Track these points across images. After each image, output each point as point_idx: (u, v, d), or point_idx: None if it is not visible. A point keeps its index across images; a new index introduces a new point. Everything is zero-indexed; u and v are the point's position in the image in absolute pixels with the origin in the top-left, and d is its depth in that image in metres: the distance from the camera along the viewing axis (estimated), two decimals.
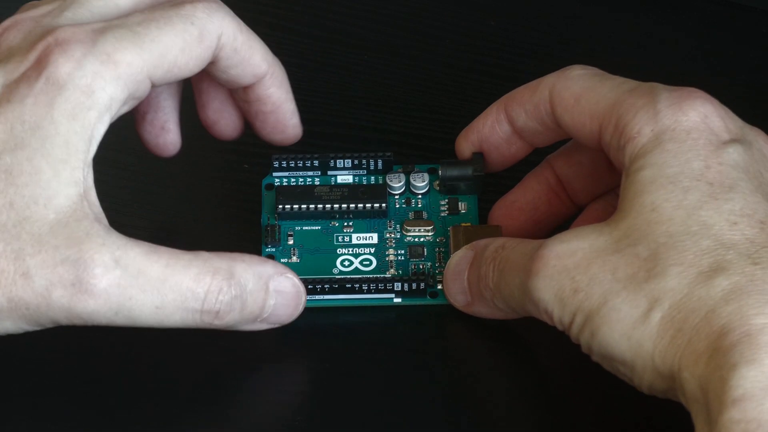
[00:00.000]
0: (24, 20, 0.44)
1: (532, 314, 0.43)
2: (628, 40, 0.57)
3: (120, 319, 0.42)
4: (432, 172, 0.49)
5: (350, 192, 0.48)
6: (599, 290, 0.40)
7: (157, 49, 0.43)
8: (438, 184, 0.49)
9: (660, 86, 0.43)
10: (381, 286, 0.46)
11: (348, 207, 0.48)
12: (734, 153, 0.41)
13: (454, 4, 0.58)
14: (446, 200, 0.49)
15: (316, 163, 0.49)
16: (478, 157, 0.48)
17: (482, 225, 0.48)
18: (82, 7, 0.44)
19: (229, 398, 0.45)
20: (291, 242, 0.48)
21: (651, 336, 0.39)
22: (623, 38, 0.57)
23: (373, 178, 0.49)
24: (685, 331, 0.38)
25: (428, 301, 0.47)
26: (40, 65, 0.42)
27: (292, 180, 0.49)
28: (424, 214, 0.49)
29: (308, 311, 0.46)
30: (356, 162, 0.49)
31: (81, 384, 0.45)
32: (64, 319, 0.41)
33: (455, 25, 0.58)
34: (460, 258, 0.46)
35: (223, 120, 0.49)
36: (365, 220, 0.48)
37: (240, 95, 0.48)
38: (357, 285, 0.46)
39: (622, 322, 0.39)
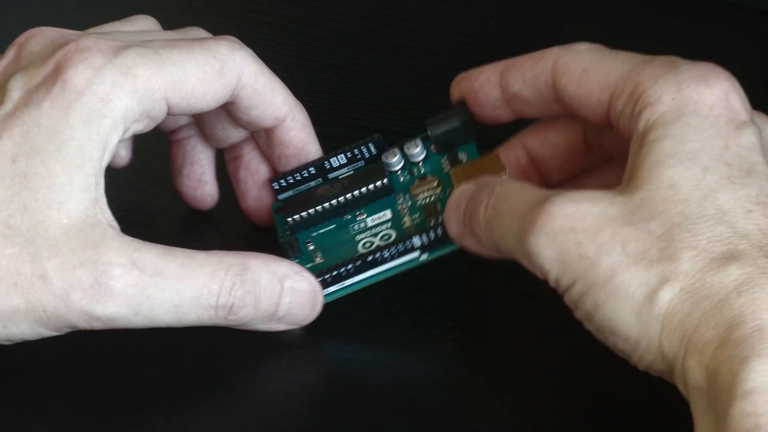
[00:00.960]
0: (49, 30, 0.45)
1: (520, 262, 0.42)
2: (627, 40, 0.57)
3: (139, 320, 0.42)
4: (426, 140, 0.49)
5: (349, 182, 0.48)
6: (607, 261, 0.39)
7: (177, 73, 0.43)
8: (434, 147, 0.48)
9: (680, 59, 0.43)
10: (402, 246, 0.46)
11: (353, 195, 0.48)
12: (752, 135, 0.41)
13: (454, 4, 0.58)
14: (445, 157, 0.48)
15: (313, 171, 0.49)
16: (461, 105, 0.47)
17: (480, 157, 0.48)
18: (108, 33, 0.45)
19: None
20: (311, 248, 0.48)
21: (659, 317, 0.38)
22: (623, 38, 0.57)
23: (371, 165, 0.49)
24: (695, 317, 0.38)
25: (453, 247, 0.46)
26: (59, 70, 0.42)
27: (290, 177, 0.49)
28: (429, 178, 0.48)
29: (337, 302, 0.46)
30: (350, 155, 0.49)
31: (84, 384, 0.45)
32: (82, 322, 0.41)
33: (455, 25, 0.58)
34: (461, 191, 0.45)
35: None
36: (375, 203, 0.48)
37: (262, 139, 0.48)
38: (379, 255, 0.46)
39: (631, 298, 0.39)
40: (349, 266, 0.46)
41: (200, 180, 0.50)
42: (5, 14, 0.60)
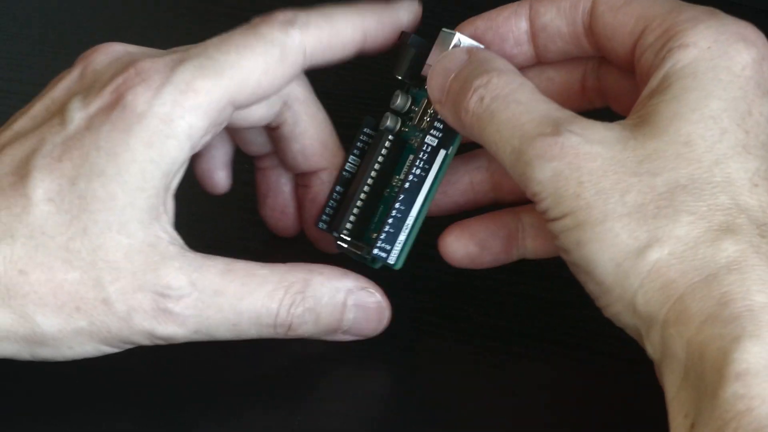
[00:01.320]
0: (115, 46, 0.44)
1: (506, 169, 0.41)
2: None
3: (199, 337, 0.42)
4: (403, 88, 0.47)
5: (366, 164, 0.47)
6: (602, 207, 0.39)
7: (237, 75, 0.43)
8: (415, 86, 0.47)
9: (721, 12, 0.42)
10: (423, 155, 0.45)
11: (376, 170, 0.47)
12: None
13: (454, 4, 0.58)
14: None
15: (340, 188, 0.48)
16: (404, 35, 0.46)
17: None
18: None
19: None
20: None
21: (640, 274, 0.38)
22: None
23: None
24: (680, 285, 0.38)
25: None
26: (118, 94, 0.42)
27: (328, 209, 0.48)
28: (423, 104, 0.47)
29: None
30: (358, 151, 0.48)
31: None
32: (145, 341, 0.42)
33: (455, 25, 0.58)
34: (453, 57, 0.44)
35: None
36: (400, 163, 0.47)
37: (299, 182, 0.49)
38: (410, 179, 0.45)
39: (616, 247, 0.39)
40: (394, 213, 0.45)
41: (283, 212, 0.50)
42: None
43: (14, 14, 0.62)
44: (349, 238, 0.47)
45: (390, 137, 0.47)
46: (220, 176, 0.50)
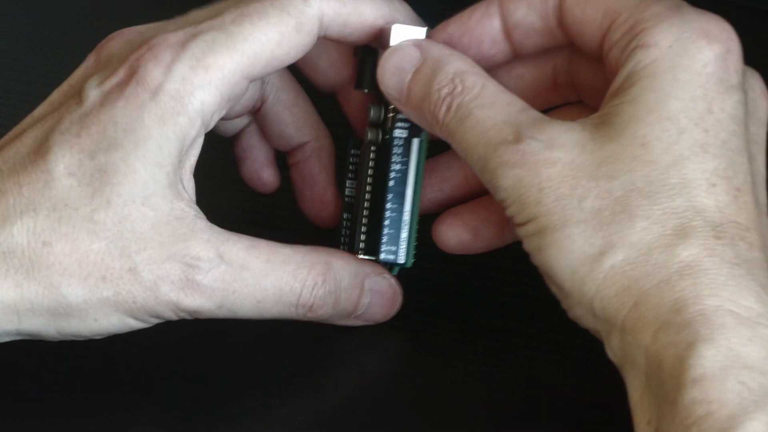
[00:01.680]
0: (128, 31, 0.45)
1: (478, 176, 0.42)
2: None
3: (222, 312, 0.42)
4: (373, 101, 0.47)
5: (357, 182, 0.47)
6: (561, 213, 0.39)
7: (250, 49, 0.43)
8: (376, 96, 0.47)
9: (688, 5, 0.42)
10: (399, 150, 0.46)
11: (372, 185, 0.47)
12: (738, 102, 0.40)
13: (454, 3, 0.58)
14: None
15: (347, 215, 0.48)
16: (358, 49, 0.46)
17: None
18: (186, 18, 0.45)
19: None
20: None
21: (596, 280, 0.39)
22: None
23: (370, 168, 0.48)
24: (634, 292, 0.38)
25: None
26: (132, 71, 0.42)
27: (343, 238, 0.48)
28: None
29: None
30: (351, 174, 0.48)
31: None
32: (170, 313, 0.42)
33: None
34: (402, 54, 0.44)
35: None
36: (389, 182, 0.46)
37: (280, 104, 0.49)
38: (393, 177, 0.45)
39: (573, 254, 0.39)
40: (388, 214, 0.46)
41: (323, 201, 0.50)
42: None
43: (14, 14, 0.62)
44: (367, 256, 0.47)
45: (373, 149, 0.47)
46: (267, 174, 0.51)
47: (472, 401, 0.46)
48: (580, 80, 0.46)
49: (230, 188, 0.52)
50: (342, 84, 0.49)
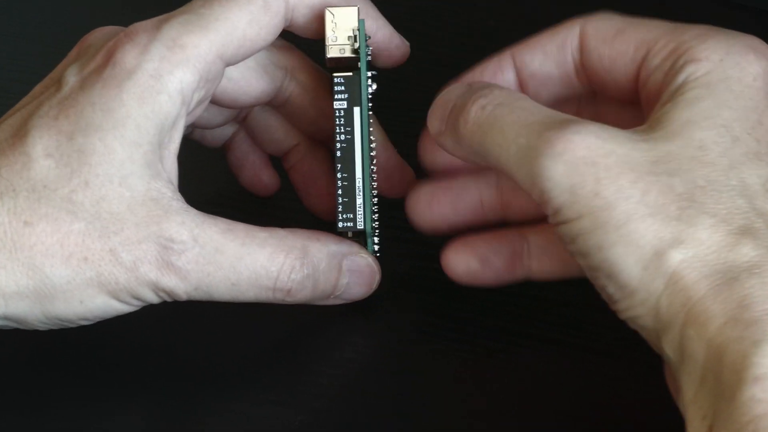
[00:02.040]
0: (109, 27, 0.46)
1: (509, 175, 0.41)
2: None
3: (198, 294, 0.43)
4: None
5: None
6: (624, 206, 0.38)
7: (223, 28, 0.43)
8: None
9: (726, 29, 0.42)
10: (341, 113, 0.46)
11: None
12: None
13: (454, 3, 0.58)
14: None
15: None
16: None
17: None
18: None
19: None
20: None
21: (665, 275, 0.38)
22: None
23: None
24: (702, 287, 0.37)
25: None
26: (109, 55, 0.43)
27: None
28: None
29: None
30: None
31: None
32: (151, 294, 0.42)
33: (455, 25, 0.58)
34: (451, 89, 0.44)
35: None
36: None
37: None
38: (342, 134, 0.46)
39: (642, 249, 0.38)
40: (340, 183, 0.46)
41: (330, 194, 0.50)
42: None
43: (14, 14, 0.62)
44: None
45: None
46: (267, 176, 0.51)
47: (472, 401, 0.46)
48: (607, 122, 0.46)
49: (225, 197, 0.52)
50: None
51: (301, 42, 0.47)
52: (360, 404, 0.45)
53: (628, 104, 0.44)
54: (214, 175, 0.52)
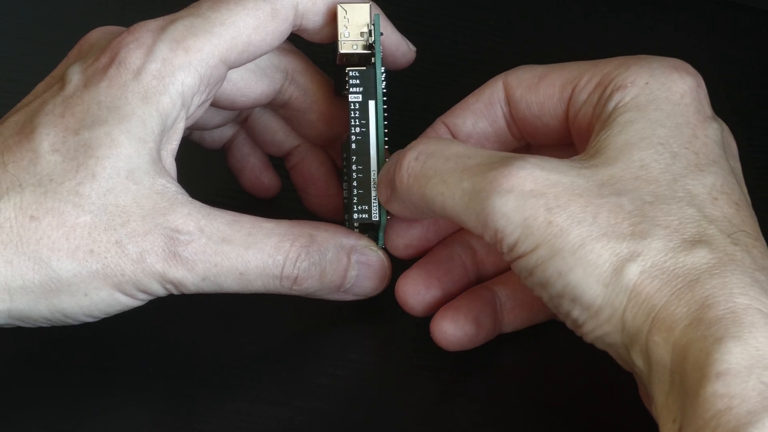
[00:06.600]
0: (110, 27, 0.46)
1: (456, 220, 0.41)
2: (628, 40, 0.57)
3: (207, 285, 0.43)
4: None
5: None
6: (578, 230, 0.39)
7: (227, 33, 0.43)
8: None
9: (644, 55, 0.43)
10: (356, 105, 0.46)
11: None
12: (716, 129, 0.42)
13: (454, 3, 0.58)
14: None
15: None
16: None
17: None
18: None
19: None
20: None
21: (627, 289, 0.38)
22: (623, 38, 0.57)
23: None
24: (664, 294, 0.38)
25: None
26: (113, 54, 0.43)
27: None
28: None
29: None
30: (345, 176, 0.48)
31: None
32: (158, 286, 0.42)
33: (455, 25, 0.58)
34: (392, 158, 0.44)
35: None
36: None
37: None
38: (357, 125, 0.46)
39: (600, 268, 0.38)
40: (355, 176, 0.46)
41: (328, 194, 0.50)
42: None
43: (14, 14, 0.62)
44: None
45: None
46: (267, 178, 0.51)
47: (472, 401, 0.46)
48: (529, 127, 0.46)
49: (226, 197, 0.52)
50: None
51: (301, 42, 0.47)
52: (360, 404, 0.45)
53: (563, 147, 0.45)
54: (214, 175, 0.52)
